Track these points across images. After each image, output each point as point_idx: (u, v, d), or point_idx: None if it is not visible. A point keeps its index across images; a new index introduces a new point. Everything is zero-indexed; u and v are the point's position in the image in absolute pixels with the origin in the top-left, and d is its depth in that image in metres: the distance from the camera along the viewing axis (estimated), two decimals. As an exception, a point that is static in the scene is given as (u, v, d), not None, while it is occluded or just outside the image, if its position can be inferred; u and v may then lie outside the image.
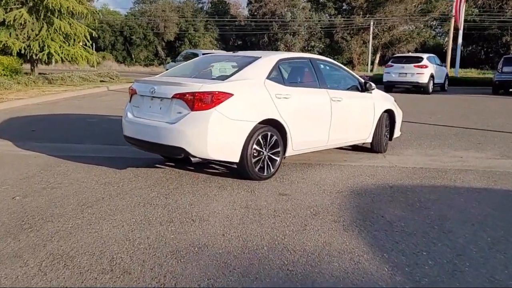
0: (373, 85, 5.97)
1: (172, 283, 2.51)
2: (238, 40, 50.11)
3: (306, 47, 42.47)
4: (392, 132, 6.48)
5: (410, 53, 27.99)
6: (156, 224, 3.37)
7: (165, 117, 4.38)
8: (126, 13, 49.78)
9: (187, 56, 21.48)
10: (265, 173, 4.63)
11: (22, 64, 18.74)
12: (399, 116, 6.61)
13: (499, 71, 17.43)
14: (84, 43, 20.27)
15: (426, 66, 17.19)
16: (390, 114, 6.36)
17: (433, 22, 42.91)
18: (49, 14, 17.95)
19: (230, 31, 48.64)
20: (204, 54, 15.99)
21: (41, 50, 17.96)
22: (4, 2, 17.30)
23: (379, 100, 6.15)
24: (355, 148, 6.39)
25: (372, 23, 38.35)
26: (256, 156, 4.52)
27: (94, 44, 28.57)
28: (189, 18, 47.17)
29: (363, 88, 5.92)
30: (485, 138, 7.50)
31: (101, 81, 19.37)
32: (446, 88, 19.66)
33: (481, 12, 37.82)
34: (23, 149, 6.00)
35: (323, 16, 42.32)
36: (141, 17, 47.46)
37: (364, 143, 6.19)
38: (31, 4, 17.68)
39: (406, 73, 17.28)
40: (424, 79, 17.07)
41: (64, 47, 18.71)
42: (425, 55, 18.09)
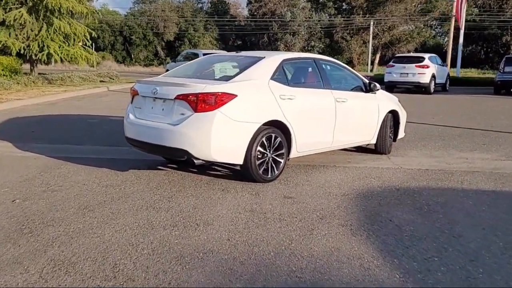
0: (378, 86, 5.89)
1: (178, 291, 2.43)
2: (238, 40, 50.00)
3: (306, 47, 42.36)
4: (396, 133, 6.41)
5: (412, 53, 27.88)
6: (160, 229, 3.29)
7: (168, 119, 4.30)
8: (126, 13, 49.72)
9: (188, 56, 21.42)
10: (269, 175, 4.55)
11: (22, 64, 18.65)
12: (403, 117, 6.53)
13: (501, 71, 17.37)
14: (84, 43, 20.18)
15: (428, 66, 17.10)
16: (394, 115, 6.28)
17: (433, 22, 42.84)
18: (49, 14, 17.85)
19: (230, 31, 48.53)
20: (205, 54, 15.96)
21: (41, 50, 17.87)
22: (4, 2, 17.20)
23: (384, 101, 6.08)
24: (359, 149, 6.31)
25: (372, 23, 38.25)
26: (260, 158, 4.44)
27: (94, 44, 28.43)
28: (189, 18, 47.06)
29: (368, 89, 5.83)
30: (490, 139, 7.43)
31: (101, 81, 19.29)
32: (447, 88, 19.59)
33: (481, 12, 37.78)
34: (23, 151, 5.92)
35: (323, 16, 42.17)
36: (141, 17, 47.34)
37: (368, 144, 6.12)
38: (31, 4, 17.56)
39: (408, 73, 17.20)
40: (426, 79, 16.99)
41: (64, 47, 18.62)
42: (427, 55, 17.99)
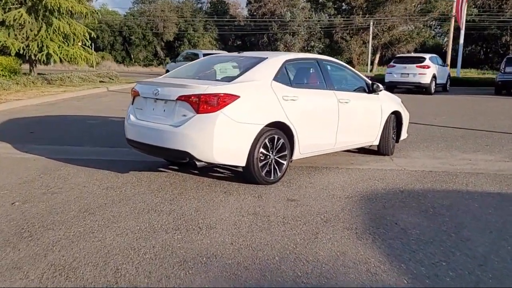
0: (381, 86, 5.84)
1: (181, 298, 2.38)
2: (238, 40, 49.96)
3: (306, 47, 42.32)
4: (399, 134, 6.36)
5: (412, 53, 27.84)
6: (162, 232, 3.24)
7: (169, 120, 4.24)
8: (125, 13, 49.64)
9: (188, 57, 21.36)
10: (272, 178, 4.50)
11: (21, 65, 18.57)
12: (406, 118, 6.48)
13: (502, 71, 17.33)
14: (83, 43, 20.11)
15: (429, 67, 17.06)
16: (397, 116, 6.23)
17: (433, 22, 42.82)
18: (48, 14, 17.78)
19: (230, 31, 48.47)
20: (205, 55, 15.91)
21: (40, 51, 17.79)
22: (3, 2, 17.12)
23: (386, 102, 6.02)
24: (361, 151, 6.26)
25: (372, 23, 38.20)
26: (263, 160, 4.38)
27: (93, 44, 28.37)
28: (188, 18, 47.00)
29: (370, 89, 5.78)
30: (492, 140, 7.38)
31: (101, 82, 19.23)
32: (448, 89, 19.55)
33: (481, 12, 37.74)
34: (22, 152, 5.86)
35: (323, 16, 42.14)
36: (140, 17, 47.27)
37: (371, 146, 6.06)
38: (30, 4, 17.49)
39: (408, 74, 17.16)
40: (427, 80, 16.95)
41: (63, 47, 18.55)
42: (428, 55, 17.96)
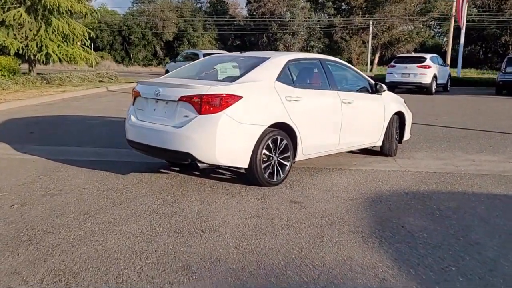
0: (384, 87, 5.77)
1: (185, 304, 2.32)
2: (237, 40, 49.85)
3: (305, 47, 42.25)
4: (402, 135, 6.30)
5: (413, 53, 27.78)
6: (164, 236, 3.17)
7: (171, 121, 4.17)
8: (125, 13, 49.49)
9: (187, 56, 21.31)
10: (275, 179, 4.43)
11: (20, 64, 18.50)
12: (409, 119, 6.41)
13: (503, 71, 17.28)
14: (83, 43, 20.03)
15: (429, 67, 17.01)
16: (400, 116, 6.17)
17: (432, 22, 42.76)
18: (47, 14, 17.70)
19: (229, 31, 48.37)
20: (205, 55, 15.85)
21: (39, 50, 17.71)
22: (3, 2, 17.03)
23: (390, 102, 5.96)
24: (364, 151, 6.19)
25: (371, 23, 38.14)
26: (266, 161, 4.32)
27: (92, 44, 28.28)
28: (188, 18, 46.90)
29: (374, 90, 5.72)
30: (495, 141, 7.32)
31: (100, 81, 19.15)
32: (449, 89, 19.50)
33: (480, 12, 37.70)
34: (21, 153, 5.79)
35: (322, 16, 42.10)
36: (140, 17, 47.14)
37: (374, 146, 6.00)
38: (29, 4, 17.40)
39: (409, 74, 17.10)
40: (427, 80, 16.90)
41: (63, 47, 18.46)
42: (428, 55, 17.90)
